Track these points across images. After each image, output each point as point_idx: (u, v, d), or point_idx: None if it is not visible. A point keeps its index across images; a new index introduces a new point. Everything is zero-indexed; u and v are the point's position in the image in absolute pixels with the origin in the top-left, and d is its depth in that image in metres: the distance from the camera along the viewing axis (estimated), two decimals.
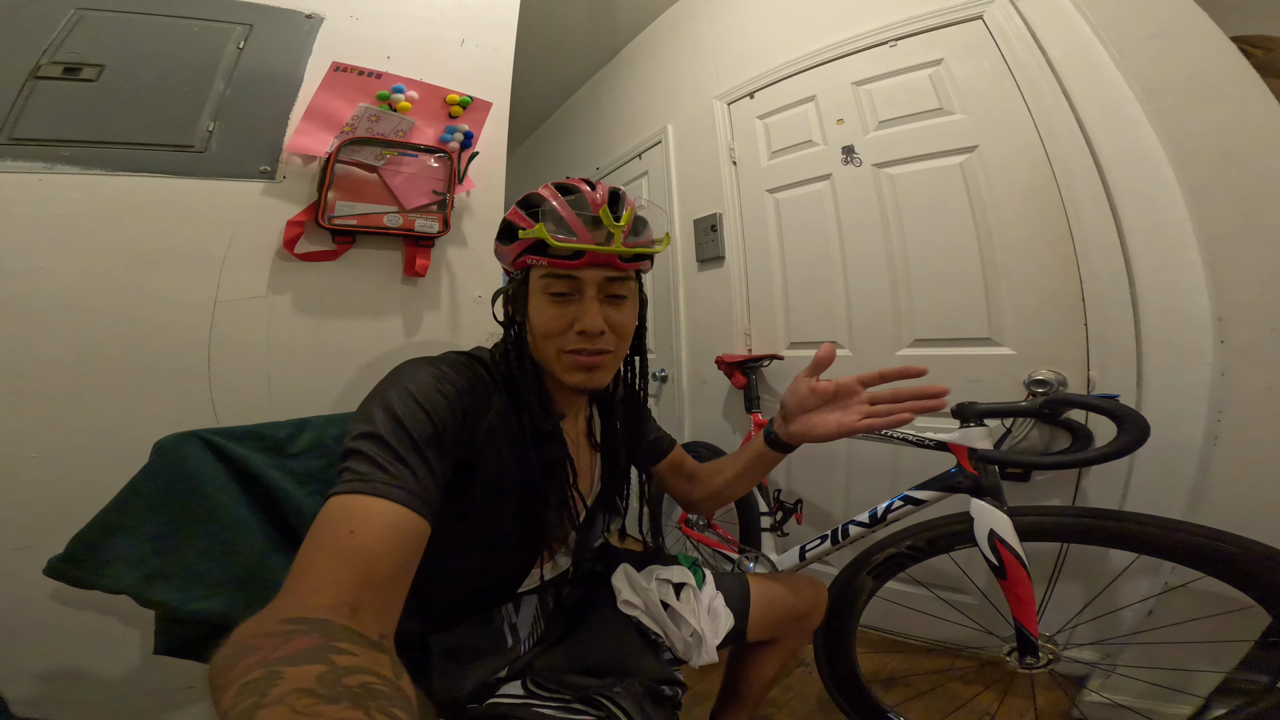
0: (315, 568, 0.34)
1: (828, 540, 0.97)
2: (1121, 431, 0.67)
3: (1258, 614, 0.68)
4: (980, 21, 1.10)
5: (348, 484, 0.38)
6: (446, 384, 0.47)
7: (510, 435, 0.52)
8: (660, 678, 0.56)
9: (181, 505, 0.50)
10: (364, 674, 0.24)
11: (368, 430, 0.42)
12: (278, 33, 0.84)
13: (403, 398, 0.44)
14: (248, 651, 0.25)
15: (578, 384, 0.52)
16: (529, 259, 0.50)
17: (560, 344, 0.51)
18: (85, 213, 0.67)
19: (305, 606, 0.30)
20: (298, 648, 0.25)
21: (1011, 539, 0.71)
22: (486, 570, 0.57)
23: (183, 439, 0.52)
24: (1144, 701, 0.85)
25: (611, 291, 0.51)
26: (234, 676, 0.23)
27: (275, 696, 0.21)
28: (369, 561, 0.35)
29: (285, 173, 0.80)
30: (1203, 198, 0.81)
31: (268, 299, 0.77)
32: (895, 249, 1.18)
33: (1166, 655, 0.81)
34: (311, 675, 0.23)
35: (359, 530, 0.36)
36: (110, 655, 0.65)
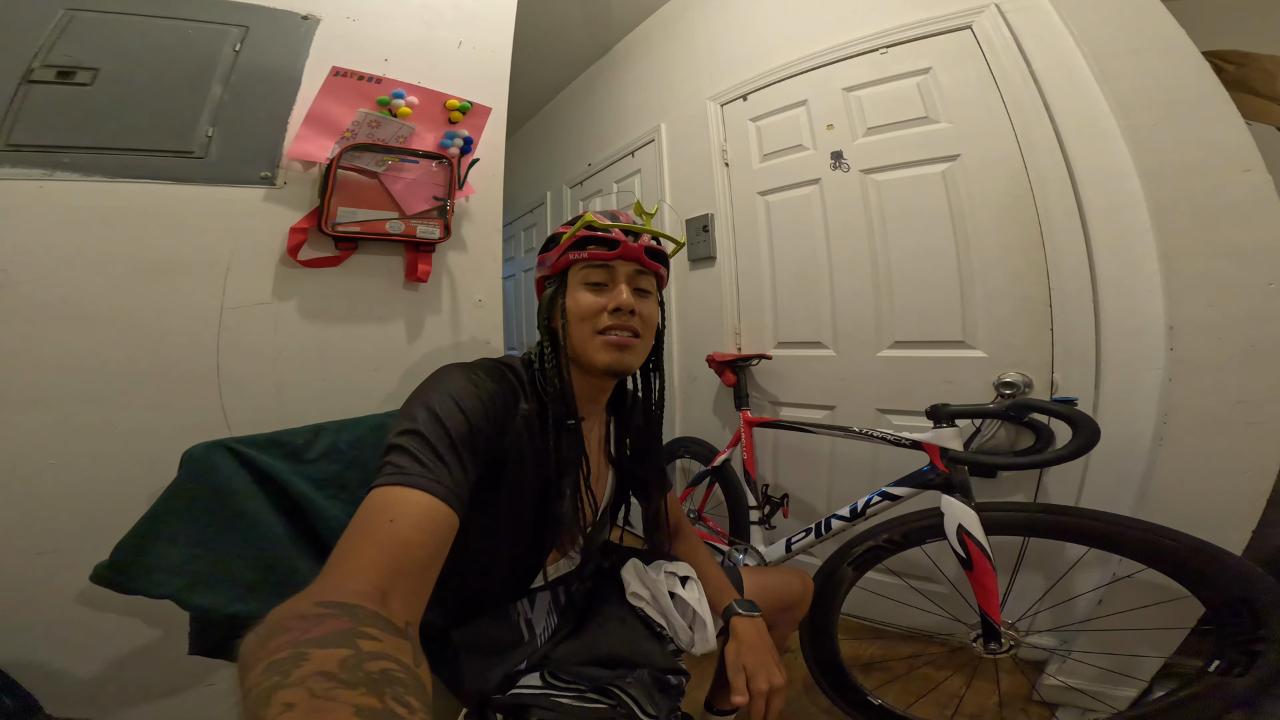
0: (354, 553, 0.36)
1: (812, 533, 1.03)
2: (1075, 435, 0.74)
3: (1194, 603, 0.74)
4: (969, 31, 1.13)
5: (389, 476, 0.41)
6: (481, 388, 0.51)
7: (534, 437, 0.56)
8: (666, 667, 0.60)
9: (215, 513, 0.53)
10: (385, 660, 0.25)
11: (410, 427, 0.45)
12: (274, 35, 0.83)
13: (443, 400, 0.48)
14: (281, 631, 0.26)
15: (610, 363, 0.57)
16: (572, 255, 0.58)
17: (595, 324, 0.57)
18: (89, 220, 0.68)
19: (341, 590, 0.32)
20: (326, 630, 0.26)
21: (978, 533, 0.77)
22: (504, 564, 0.60)
23: (210, 449, 0.54)
24: (1095, 685, 0.92)
25: (638, 285, 0.59)
26: (263, 654, 0.24)
27: (297, 678, 0.22)
28: (404, 549, 0.37)
29: (286, 179, 0.80)
30: (1165, 212, 0.86)
31: (273, 305, 0.78)
32: (879, 253, 1.23)
33: (1115, 642, 0.88)
34: (335, 659, 0.24)
35: (398, 519, 0.39)
36: (135, 654, 0.68)
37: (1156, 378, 0.85)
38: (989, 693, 1.00)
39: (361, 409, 0.77)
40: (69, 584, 0.63)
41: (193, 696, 0.71)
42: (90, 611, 0.64)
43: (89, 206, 0.68)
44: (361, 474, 0.69)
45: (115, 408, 0.67)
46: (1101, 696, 0.90)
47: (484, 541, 0.56)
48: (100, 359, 0.67)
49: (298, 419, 0.71)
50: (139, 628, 0.67)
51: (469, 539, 0.52)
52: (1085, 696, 0.91)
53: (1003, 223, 1.07)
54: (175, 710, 0.70)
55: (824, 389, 1.33)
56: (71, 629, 0.64)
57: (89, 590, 0.63)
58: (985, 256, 1.09)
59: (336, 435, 0.67)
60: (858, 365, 1.27)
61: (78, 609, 0.64)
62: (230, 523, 0.53)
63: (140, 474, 0.66)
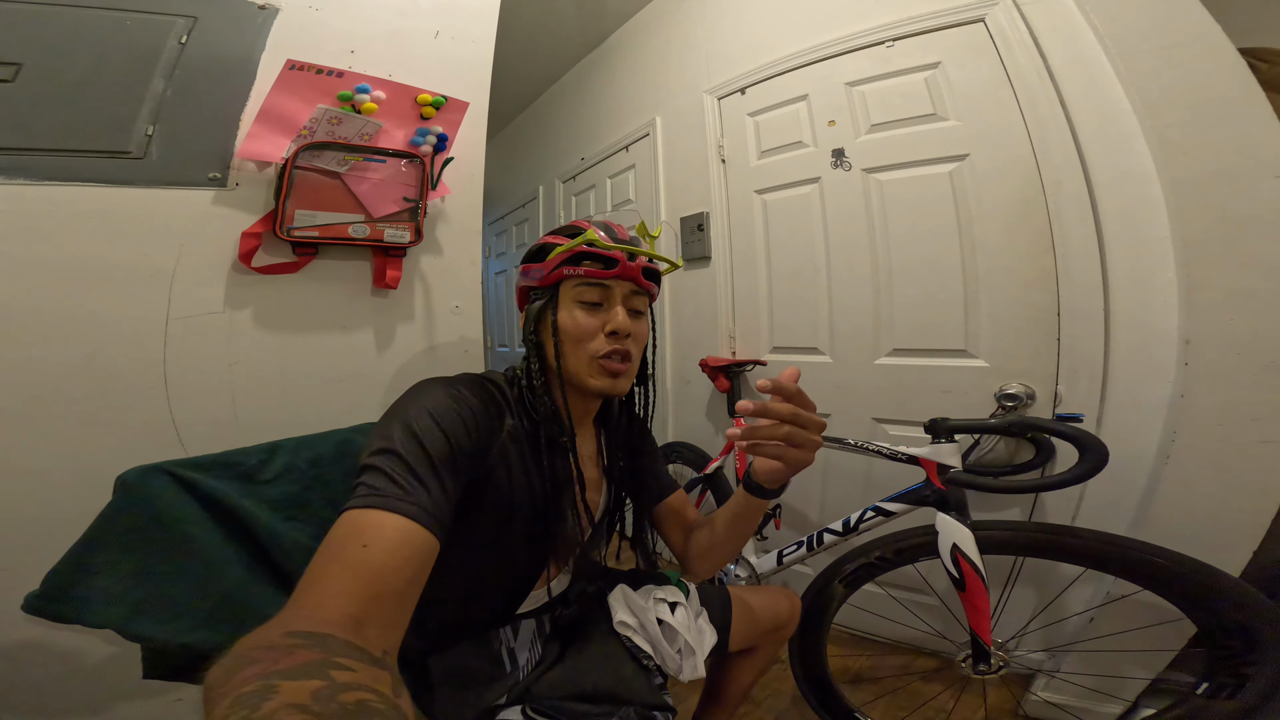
0: (324, 580, 0.34)
1: (803, 547, 1.00)
2: (1082, 459, 0.70)
3: (1186, 624, 0.73)
4: (982, 24, 1.07)
5: (363, 499, 0.39)
6: (464, 405, 0.49)
7: (521, 454, 0.54)
8: (653, 704, 0.58)
9: (155, 540, 0.49)
10: (361, 691, 0.24)
11: (385, 446, 0.43)
12: (226, 25, 0.76)
13: (421, 416, 0.45)
14: (247, 663, 0.25)
15: (602, 388, 0.56)
16: (565, 270, 0.55)
17: (593, 349, 0.55)
18: (13, 225, 0.62)
19: (311, 620, 0.30)
20: (297, 662, 0.25)
21: (972, 553, 0.74)
22: (491, 588, 0.58)
23: (146, 473, 0.50)
24: (1080, 702, 0.91)
25: (632, 305, 0.58)
26: (229, 689, 0.23)
27: (266, 711, 0.21)
28: (379, 576, 0.35)
29: (238, 180, 0.74)
30: (1187, 218, 0.80)
31: (225, 314, 0.73)
32: (879, 257, 1.18)
33: (1103, 660, 0.86)
34: (307, 691, 0.23)
35: (371, 544, 0.36)
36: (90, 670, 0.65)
37: (1167, 392, 0.80)
38: (975, 707, 0.99)
39: (327, 423, 0.72)
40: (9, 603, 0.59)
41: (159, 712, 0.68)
42: (41, 628, 0.60)
43: (12, 211, 0.62)
44: (325, 493, 0.64)
45: (48, 424, 0.62)
46: (1086, 714, 0.89)
47: (469, 563, 0.54)
48: (33, 370, 0.62)
49: (257, 434, 0.66)
50: (97, 645, 0.64)
51: (453, 561, 0.50)
52: (1069, 715, 0.90)
53: (1012, 227, 1.01)
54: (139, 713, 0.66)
55: (819, 396, 1.24)
56: (21, 646, 0.61)
57: None
58: (992, 262, 1.03)
59: (295, 453, 0.62)
60: (854, 373, 1.22)
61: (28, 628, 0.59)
62: (174, 550, 0.49)
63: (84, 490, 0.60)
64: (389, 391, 0.86)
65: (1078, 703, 0.90)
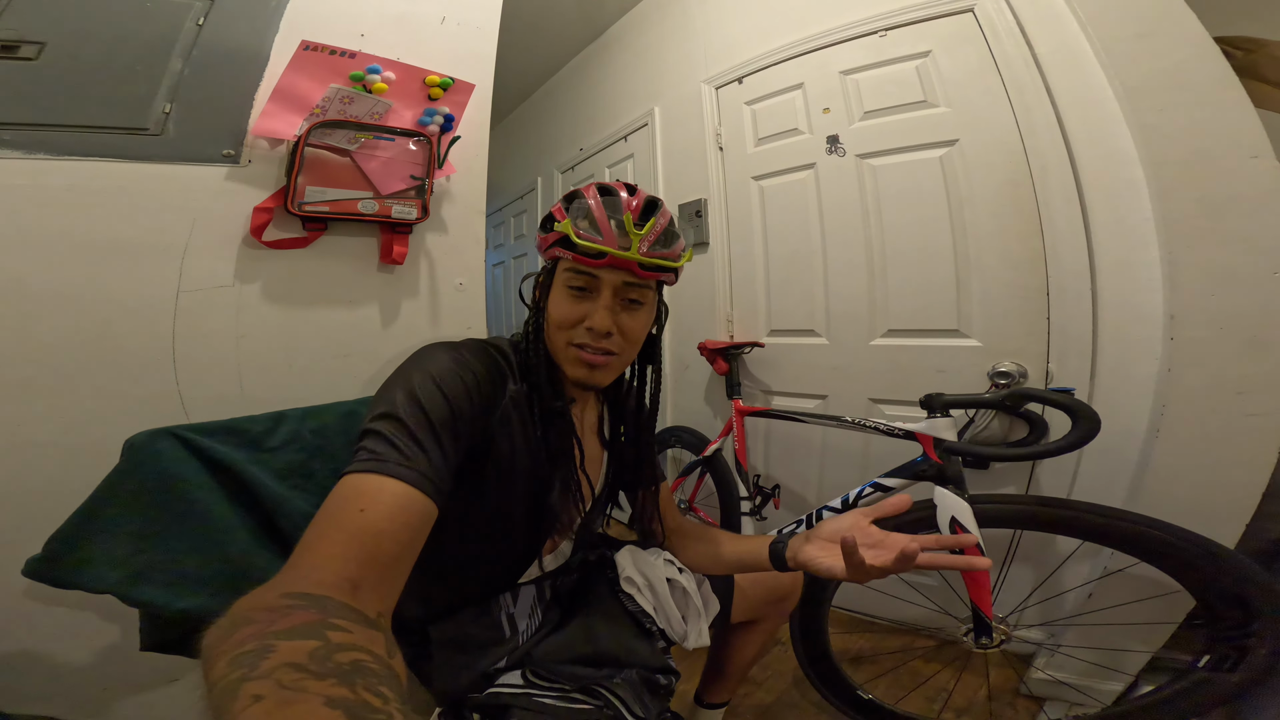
0: (321, 543, 0.35)
1: (803, 525, 1.02)
2: (1075, 426, 0.72)
3: (1185, 598, 0.73)
4: (971, 14, 1.10)
5: (362, 463, 0.39)
6: (466, 369, 0.48)
7: (523, 421, 0.54)
8: (656, 667, 0.58)
9: (160, 504, 0.49)
10: (356, 651, 0.24)
11: (386, 411, 0.42)
12: (241, 8, 0.78)
13: (424, 381, 0.45)
14: (245, 623, 0.25)
15: (579, 379, 0.55)
16: (557, 251, 0.53)
17: (569, 336, 0.53)
18: (32, 200, 0.63)
19: (308, 582, 0.31)
20: (294, 622, 0.25)
21: (971, 526, 0.75)
22: (494, 555, 0.58)
23: (155, 436, 0.51)
24: (1082, 679, 0.91)
25: (628, 296, 0.53)
26: (227, 648, 0.23)
27: (264, 670, 0.21)
28: (375, 540, 0.35)
29: (251, 157, 0.76)
30: (1168, 198, 0.83)
31: (235, 288, 0.74)
32: (874, 240, 1.20)
33: (1103, 636, 0.87)
34: (304, 650, 0.23)
35: (369, 508, 0.37)
36: (88, 647, 0.65)
37: (1154, 368, 0.83)
38: (977, 686, 1.00)
39: (331, 396, 0.74)
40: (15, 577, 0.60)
41: (155, 693, 0.69)
42: (42, 606, 0.61)
43: (33, 185, 0.64)
44: (330, 464, 0.66)
45: (61, 392, 0.64)
46: (1088, 691, 0.90)
47: (473, 531, 0.54)
48: (45, 341, 0.63)
49: (262, 406, 0.67)
50: (95, 622, 0.65)
51: (456, 529, 0.50)
52: (1072, 690, 0.91)
53: (1001, 209, 1.04)
54: (135, 707, 0.68)
55: (816, 378, 1.30)
56: (22, 623, 0.61)
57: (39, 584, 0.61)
58: (982, 244, 1.06)
59: (300, 423, 0.64)
60: (850, 354, 1.25)
61: (29, 604, 0.61)
62: (179, 514, 0.50)
63: (91, 462, 0.61)
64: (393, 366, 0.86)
65: (1079, 680, 0.91)
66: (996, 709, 0.96)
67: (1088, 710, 0.89)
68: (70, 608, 0.63)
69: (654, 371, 0.64)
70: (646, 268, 0.52)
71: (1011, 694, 0.98)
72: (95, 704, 0.66)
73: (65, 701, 0.64)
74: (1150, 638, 0.85)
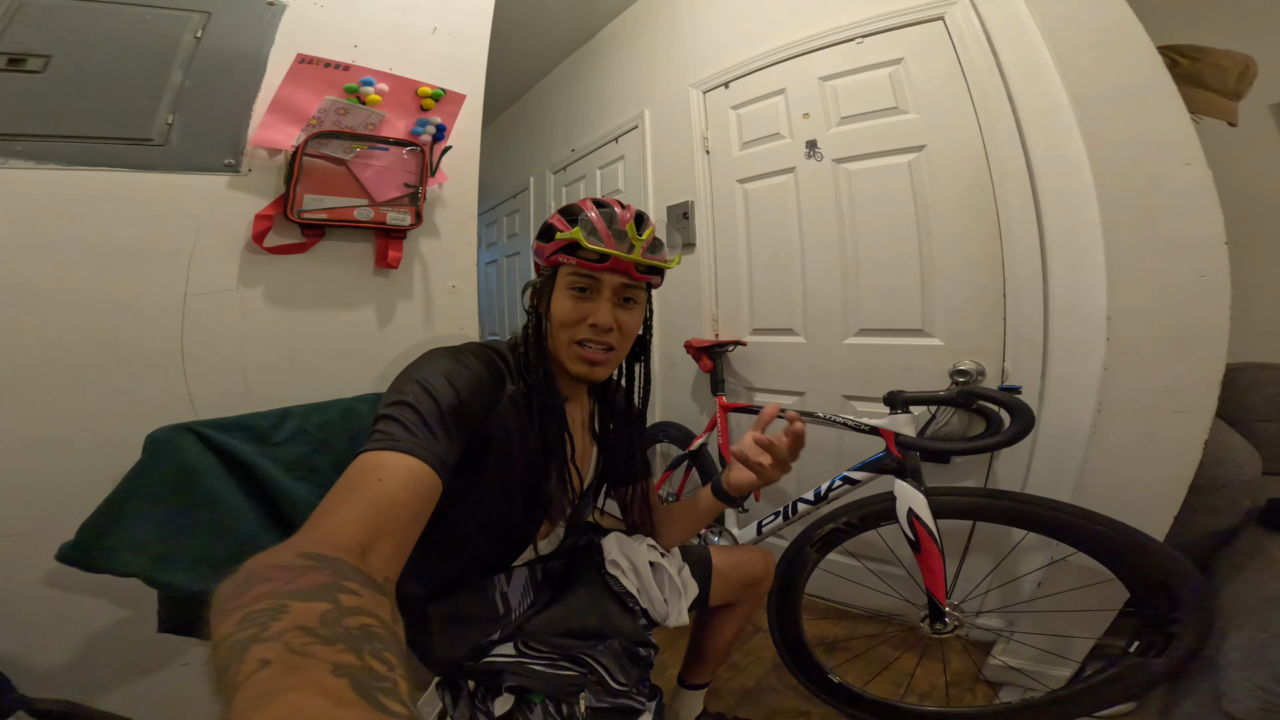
0: (340, 508, 0.38)
1: (780, 516, 1.07)
2: (1013, 422, 0.78)
3: (1121, 587, 0.78)
4: (941, 22, 1.14)
5: (378, 442, 0.44)
6: (469, 368, 0.54)
7: (520, 417, 0.59)
8: (636, 639, 0.63)
9: (181, 493, 0.54)
10: (365, 615, 0.25)
11: (400, 399, 0.48)
12: (238, 20, 0.81)
13: (433, 375, 0.51)
14: (260, 580, 0.26)
15: (581, 374, 0.61)
16: (561, 257, 0.59)
17: (573, 334, 0.60)
18: (45, 208, 0.67)
19: (324, 544, 0.33)
20: (308, 583, 0.26)
21: (927, 517, 0.81)
22: (493, 539, 0.63)
23: (175, 432, 0.56)
24: (1035, 665, 0.97)
25: (625, 295, 0.61)
26: (241, 603, 0.24)
27: (275, 631, 0.22)
28: (389, 507, 0.39)
29: (250, 166, 0.80)
30: (1111, 204, 0.88)
31: (239, 292, 0.78)
32: (847, 242, 1.26)
33: (1053, 623, 0.93)
34: (316, 613, 0.23)
35: (386, 479, 0.41)
36: (106, 634, 0.70)
37: (1096, 366, 0.88)
38: (940, 672, 1.06)
39: (331, 393, 0.79)
40: (36, 566, 0.64)
41: (166, 675, 0.73)
42: (59, 593, 0.66)
43: (45, 194, 0.67)
44: (331, 457, 0.70)
45: (77, 392, 0.67)
46: (1040, 676, 0.96)
47: (474, 515, 0.59)
48: (61, 343, 0.67)
49: (265, 403, 0.72)
50: (109, 608, 0.69)
51: (460, 513, 0.56)
52: (1026, 676, 0.96)
53: (963, 213, 1.10)
54: (147, 689, 0.72)
55: (794, 375, 1.37)
56: (41, 611, 0.65)
57: (57, 572, 0.64)
58: (945, 246, 1.12)
59: (304, 418, 0.69)
60: (826, 352, 1.31)
61: (47, 591, 0.65)
62: (197, 503, 0.55)
63: (104, 457, 0.66)
64: (390, 365, 0.92)
65: (1033, 666, 0.97)
66: (958, 693, 1.02)
67: (1037, 694, 0.95)
68: (86, 595, 0.67)
69: (644, 370, 0.70)
70: (642, 269, 0.60)
71: (972, 679, 1.05)
72: (108, 686, 0.70)
73: (81, 684, 0.68)
74: (1093, 625, 0.91)
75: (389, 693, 0.20)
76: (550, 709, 0.54)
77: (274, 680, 0.19)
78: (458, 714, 0.55)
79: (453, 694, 0.57)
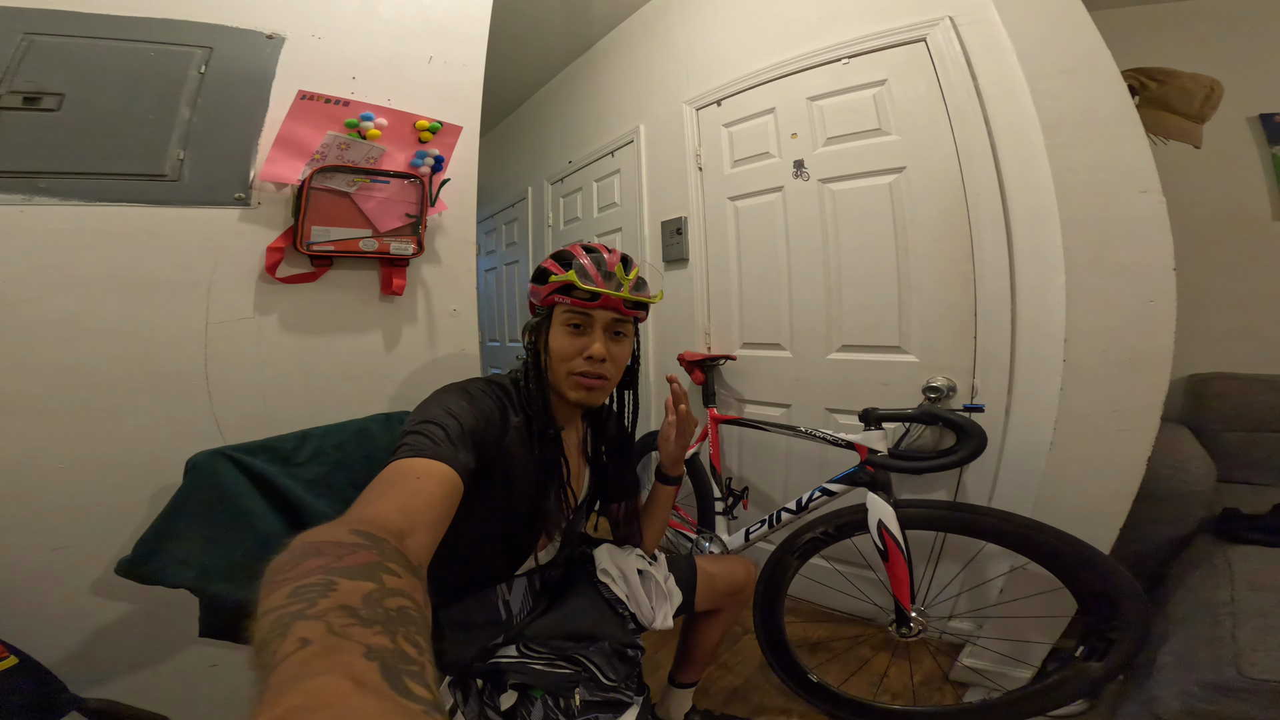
0: (381, 499, 0.42)
1: (766, 524, 1.13)
2: (966, 442, 0.84)
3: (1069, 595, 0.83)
4: (924, 44, 1.17)
5: (410, 450, 0.50)
6: (480, 403, 0.62)
7: (523, 445, 0.66)
8: (625, 642, 0.69)
9: (221, 512, 0.61)
10: (403, 597, 0.26)
11: (425, 419, 0.55)
12: (239, 55, 0.84)
13: (452, 404, 0.59)
14: (315, 553, 0.27)
15: (579, 400, 0.67)
16: (556, 298, 0.66)
17: (570, 366, 0.66)
18: (73, 243, 0.71)
19: (371, 524, 0.35)
20: (358, 561, 0.28)
21: (894, 528, 0.87)
22: (497, 550, 0.70)
23: (212, 457, 0.62)
24: (998, 668, 1.02)
25: (615, 329, 0.68)
26: (293, 575, 0.25)
27: (321, 609, 0.23)
28: (426, 501, 0.44)
29: (259, 199, 0.84)
30: (1071, 228, 0.92)
31: (255, 320, 0.83)
32: (831, 260, 1.31)
33: (1014, 629, 0.98)
34: (360, 593, 0.25)
35: (424, 478, 0.46)
36: (142, 638, 0.76)
37: (1056, 387, 0.93)
38: (912, 673, 1.13)
39: (342, 414, 0.84)
40: (83, 576, 0.70)
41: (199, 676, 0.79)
42: (104, 601, 0.72)
43: (70, 230, 0.72)
44: (346, 475, 0.76)
45: (115, 415, 0.73)
46: (1002, 678, 1.01)
47: (480, 530, 0.65)
48: (98, 371, 0.72)
49: (284, 424, 0.78)
50: (147, 616, 0.75)
51: (470, 527, 0.61)
52: (989, 678, 1.02)
53: (939, 233, 1.14)
54: (185, 689, 0.78)
55: (781, 388, 1.42)
56: (87, 617, 0.71)
57: (101, 581, 0.71)
58: (921, 265, 1.17)
59: (322, 440, 0.75)
60: (810, 366, 1.36)
61: (93, 599, 0.71)
62: (234, 520, 0.61)
63: (141, 475, 0.72)
64: (398, 386, 0.97)
65: (996, 668, 1.02)
66: (927, 693, 1.08)
67: (996, 695, 1.00)
68: (127, 602, 0.73)
69: (633, 396, 0.78)
70: (630, 305, 0.67)
71: (940, 680, 1.12)
72: (147, 686, 0.76)
73: (122, 685, 0.74)
74: (1049, 630, 0.97)
75: (416, 677, 0.21)
76: (549, 703, 0.61)
77: (307, 663, 0.20)
78: (468, 709, 0.61)
79: (463, 691, 0.63)
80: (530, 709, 0.60)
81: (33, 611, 0.67)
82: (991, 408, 1.02)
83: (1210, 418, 1.35)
